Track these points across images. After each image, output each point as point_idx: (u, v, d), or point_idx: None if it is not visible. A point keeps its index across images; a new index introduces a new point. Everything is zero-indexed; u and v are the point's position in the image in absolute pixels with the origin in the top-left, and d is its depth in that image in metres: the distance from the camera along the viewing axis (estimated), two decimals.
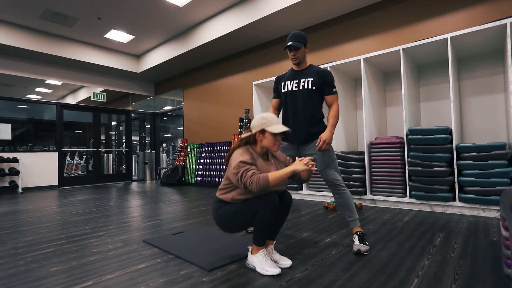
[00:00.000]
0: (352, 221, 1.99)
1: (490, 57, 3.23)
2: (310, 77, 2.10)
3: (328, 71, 2.10)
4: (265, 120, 1.62)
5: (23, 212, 3.46)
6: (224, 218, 1.61)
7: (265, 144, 1.64)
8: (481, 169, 2.66)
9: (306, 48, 2.11)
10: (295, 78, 2.16)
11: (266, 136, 1.62)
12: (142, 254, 1.88)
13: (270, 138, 1.62)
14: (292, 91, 2.15)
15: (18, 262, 1.80)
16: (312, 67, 2.14)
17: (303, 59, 2.12)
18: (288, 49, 2.10)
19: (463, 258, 1.66)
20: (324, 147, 1.96)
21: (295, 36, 2.07)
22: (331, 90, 2.08)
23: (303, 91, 2.10)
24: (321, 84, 2.08)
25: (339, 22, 4.49)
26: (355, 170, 3.44)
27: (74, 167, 9.20)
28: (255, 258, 1.59)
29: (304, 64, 2.16)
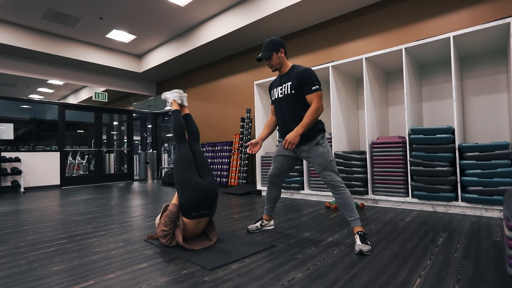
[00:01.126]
0: (352, 220, 1.98)
1: (492, 56, 3.21)
2: (289, 81, 2.10)
3: (304, 70, 2.02)
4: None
5: (25, 212, 3.47)
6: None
7: None
8: (484, 169, 2.65)
9: (279, 53, 2.10)
10: (279, 85, 2.19)
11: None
12: (144, 254, 1.88)
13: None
14: (278, 98, 2.18)
15: (19, 261, 1.80)
16: (293, 69, 2.12)
17: (279, 65, 2.13)
18: (259, 60, 2.13)
19: (466, 258, 1.65)
20: (289, 147, 1.94)
21: (264, 45, 2.11)
22: (309, 89, 2.00)
23: (286, 97, 2.11)
24: (299, 85, 2.04)
25: (341, 22, 4.48)
26: (356, 170, 3.43)
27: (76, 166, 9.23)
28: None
29: (285, 68, 2.16)
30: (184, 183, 1.96)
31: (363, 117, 4.13)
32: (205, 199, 1.95)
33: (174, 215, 1.94)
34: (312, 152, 2.05)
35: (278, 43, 2.09)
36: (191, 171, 2.02)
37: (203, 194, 1.94)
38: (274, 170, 2.28)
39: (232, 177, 5.47)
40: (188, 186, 1.94)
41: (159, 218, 2.15)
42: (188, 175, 1.99)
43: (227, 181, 5.57)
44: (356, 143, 4.12)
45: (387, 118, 3.94)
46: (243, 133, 5.41)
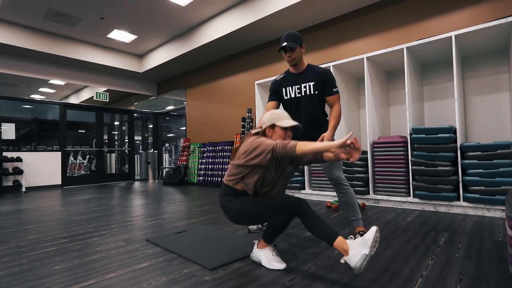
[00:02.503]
0: (355, 220, 1.98)
1: (494, 55, 3.20)
2: (310, 81, 2.06)
3: (327, 71, 2.05)
4: (275, 115, 1.62)
5: (27, 211, 3.48)
6: (240, 211, 1.58)
7: (275, 138, 1.61)
8: (486, 169, 2.63)
9: (302, 48, 2.05)
10: (296, 83, 2.10)
11: (276, 131, 1.61)
12: (145, 253, 1.88)
13: (281, 133, 1.60)
14: (295, 98, 2.10)
15: (21, 260, 1.80)
16: (311, 68, 2.10)
17: (299, 60, 2.07)
18: (283, 50, 2.02)
19: (468, 258, 1.65)
20: None
21: (289, 36, 2.00)
22: (331, 91, 2.04)
23: (306, 97, 2.07)
24: (322, 86, 2.05)
25: (342, 21, 4.47)
26: (358, 169, 3.42)
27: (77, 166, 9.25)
28: (262, 252, 1.61)
29: (301, 65, 2.11)
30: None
31: (364, 116, 4.12)
32: None
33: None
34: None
35: (301, 38, 2.06)
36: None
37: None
38: None
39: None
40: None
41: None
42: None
43: None
44: None
45: (388, 117, 3.93)
46: (244, 133, 5.41)
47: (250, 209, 1.58)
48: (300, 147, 1.38)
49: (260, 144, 1.51)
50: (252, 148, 1.54)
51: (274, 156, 1.47)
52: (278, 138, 1.61)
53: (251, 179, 1.59)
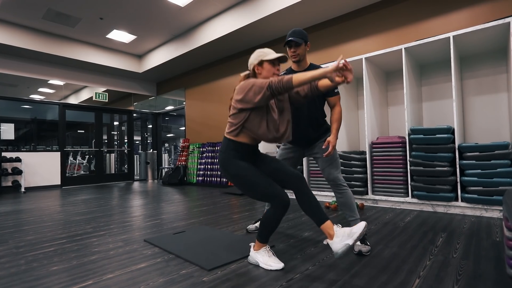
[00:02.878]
0: (353, 221, 1.98)
1: (493, 56, 3.20)
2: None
3: None
4: (261, 52, 1.63)
5: (26, 212, 3.48)
6: (236, 176, 1.59)
7: (264, 75, 1.63)
8: (484, 169, 2.64)
9: (306, 46, 2.06)
10: None
11: (265, 67, 1.62)
12: (143, 254, 1.88)
13: (269, 68, 1.61)
14: None
15: (19, 261, 1.80)
16: (313, 67, 2.11)
17: (303, 57, 2.06)
18: (288, 45, 2.03)
19: (465, 259, 1.65)
20: (332, 152, 1.95)
21: (295, 32, 2.01)
22: (333, 91, 2.05)
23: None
24: None
25: (341, 22, 4.48)
26: (356, 170, 3.42)
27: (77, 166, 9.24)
28: (258, 254, 1.62)
29: (304, 64, 2.10)
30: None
31: (363, 117, 4.12)
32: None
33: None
34: (319, 148, 2.06)
35: (307, 35, 2.06)
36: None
37: None
38: None
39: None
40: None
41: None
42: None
43: (227, 181, 5.57)
44: (356, 143, 4.11)
45: (387, 118, 3.94)
46: None
47: (244, 180, 1.57)
48: (297, 78, 1.41)
49: (254, 83, 1.51)
50: (247, 89, 1.53)
51: (271, 91, 1.47)
52: (267, 73, 1.62)
53: (253, 124, 1.57)
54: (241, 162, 1.62)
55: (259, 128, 1.58)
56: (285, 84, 1.43)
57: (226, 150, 1.64)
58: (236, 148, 1.63)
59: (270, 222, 1.57)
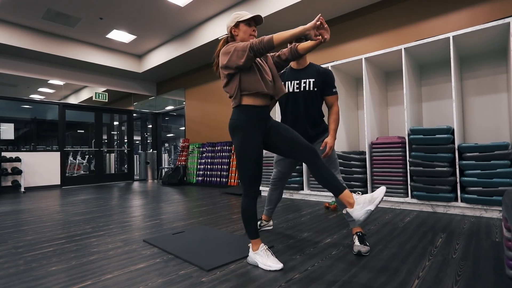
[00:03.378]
0: (352, 221, 1.98)
1: (492, 56, 3.20)
2: (311, 78, 2.06)
3: (329, 71, 2.07)
4: (237, 14, 1.64)
5: (25, 212, 3.48)
6: (236, 148, 1.63)
7: (241, 36, 1.64)
8: (484, 169, 2.64)
9: None
10: (295, 78, 2.10)
11: (241, 28, 1.63)
12: (142, 254, 1.88)
13: (245, 29, 1.62)
14: (293, 92, 2.10)
15: (18, 261, 1.80)
16: (313, 66, 2.11)
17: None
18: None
19: (465, 259, 1.65)
20: (330, 153, 1.95)
21: None
22: (331, 91, 2.05)
23: (305, 92, 2.07)
24: (322, 84, 2.06)
25: (341, 22, 4.48)
26: (356, 170, 3.42)
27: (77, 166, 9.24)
28: (257, 254, 1.62)
29: (304, 62, 2.11)
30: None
31: (362, 117, 4.12)
32: None
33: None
34: (318, 148, 2.06)
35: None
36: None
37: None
38: (278, 174, 2.26)
39: (231, 177, 5.47)
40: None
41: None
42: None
43: (226, 181, 5.57)
44: (356, 143, 4.11)
45: (386, 118, 3.93)
46: None
47: (239, 152, 1.61)
48: (277, 36, 1.43)
49: (236, 47, 1.52)
50: (229, 53, 1.53)
51: (253, 52, 1.48)
52: (243, 34, 1.63)
53: (247, 82, 1.58)
54: (248, 133, 1.60)
55: (255, 82, 1.58)
56: (266, 44, 1.44)
57: (235, 114, 1.63)
58: (244, 111, 1.61)
59: (245, 212, 1.64)
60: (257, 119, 1.62)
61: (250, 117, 1.61)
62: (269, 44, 1.44)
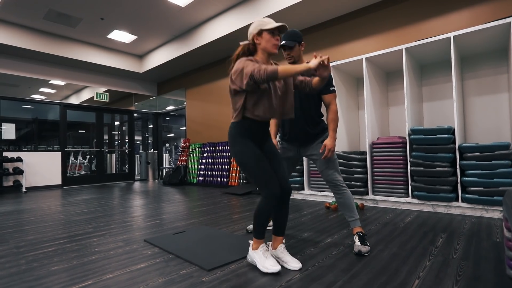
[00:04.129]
0: (352, 221, 1.98)
1: (493, 56, 3.19)
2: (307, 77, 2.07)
3: None
4: (261, 21, 1.61)
5: (26, 211, 3.49)
6: (241, 164, 1.61)
7: (264, 45, 1.61)
8: (484, 169, 2.63)
9: (301, 47, 2.07)
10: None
11: (264, 37, 1.60)
12: (143, 254, 1.89)
13: (268, 38, 1.59)
14: None
15: (19, 261, 1.81)
16: None
17: (298, 58, 2.07)
18: (282, 48, 2.05)
19: (465, 259, 1.65)
20: (330, 155, 1.94)
21: (288, 34, 2.02)
22: (328, 89, 2.04)
23: (300, 93, 2.08)
24: None
25: (341, 22, 4.47)
26: (357, 170, 3.42)
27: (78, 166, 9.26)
28: (256, 254, 1.61)
29: (300, 63, 2.11)
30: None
31: (363, 117, 4.12)
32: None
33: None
34: (317, 149, 2.05)
35: (301, 36, 2.05)
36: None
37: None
38: None
39: (232, 177, 5.47)
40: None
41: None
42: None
43: (227, 181, 5.57)
44: (357, 143, 4.11)
45: (387, 118, 3.93)
46: None
47: (245, 160, 1.58)
48: (283, 69, 1.43)
49: (243, 68, 1.51)
50: (238, 71, 1.54)
51: (254, 81, 1.47)
52: (266, 43, 1.60)
53: (252, 104, 1.57)
54: (248, 141, 1.61)
55: (258, 107, 1.57)
56: (269, 75, 1.43)
57: (235, 128, 1.63)
58: (243, 125, 1.62)
59: (260, 214, 1.58)
60: (255, 130, 1.64)
61: (247, 129, 1.62)
62: (272, 76, 1.43)
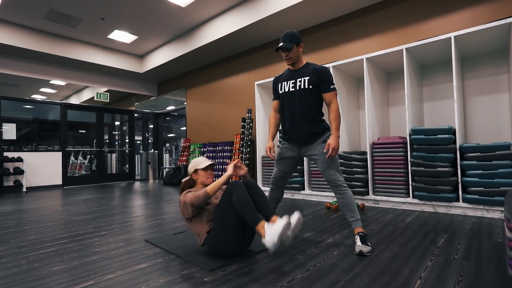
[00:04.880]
0: (353, 221, 1.98)
1: (494, 56, 3.19)
2: (305, 76, 2.06)
3: (324, 68, 2.05)
4: (195, 162, 1.97)
5: (27, 211, 3.49)
6: (218, 244, 1.71)
7: (200, 180, 1.95)
8: (485, 170, 2.63)
9: (299, 47, 2.07)
10: (291, 78, 2.12)
11: (199, 173, 1.95)
12: (144, 254, 1.89)
13: (203, 174, 1.95)
14: (289, 92, 2.11)
15: (20, 261, 1.81)
16: (308, 65, 2.10)
17: (297, 58, 2.08)
18: (280, 50, 2.07)
19: (467, 260, 1.65)
20: (334, 154, 1.94)
21: (286, 36, 2.04)
22: (328, 87, 2.04)
23: (300, 91, 2.07)
24: (317, 82, 2.04)
25: (342, 22, 4.48)
26: (357, 170, 3.42)
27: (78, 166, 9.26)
28: (266, 240, 1.55)
29: (299, 63, 2.12)
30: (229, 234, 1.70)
31: (363, 117, 4.12)
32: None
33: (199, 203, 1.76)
34: (318, 149, 2.04)
35: (299, 37, 2.06)
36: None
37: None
38: (278, 173, 2.25)
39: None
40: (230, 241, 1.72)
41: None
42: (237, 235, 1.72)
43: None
44: (357, 143, 4.11)
45: (388, 118, 3.93)
46: (244, 133, 5.42)
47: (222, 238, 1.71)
48: (211, 188, 1.73)
49: (184, 202, 1.79)
50: (182, 207, 1.82)
51: (196, 206, 1.75)
52: (202, 178, 1.94)
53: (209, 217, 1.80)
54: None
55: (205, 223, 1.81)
56: (203, 197, 1.71)
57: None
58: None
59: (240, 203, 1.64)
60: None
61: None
62: (206, 197, 1.72)
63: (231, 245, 1.71)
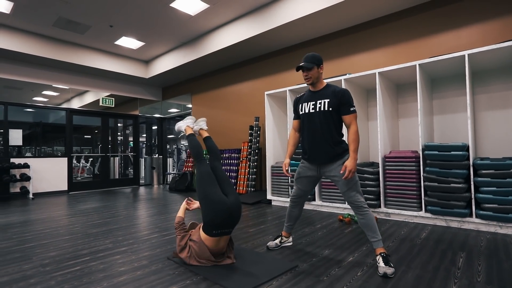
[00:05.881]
0: (375, 242, 2.01)
1: (504, 72, 3.24)
2: (326, 98, 2.11)
3: (345, 90, 2.09)
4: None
5: (39, 222, 3.49)
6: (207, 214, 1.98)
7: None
8: (499, 187, 2.68)
9: (319, 69, 2.14)
10: (311, 100, 2.18)
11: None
12: (170, 274, 1.91)
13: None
14: (309, 113, 2.17)
15: (49, 282, 1.83)
16: (329, 87, 2.15)
17: (316, 79, 2.15)
18: (301, 69, 2.15)
19: (490, 283, 1.69)
20: (350, 176, 1.97)
21: (307, 57, 2.14)
22: (348, 110, 2.08)
23: (320, 113, 2.12)
24: (337, 104, 2.09)
25: (352, 33, 4.51)
26: (369, 183, 3.46)
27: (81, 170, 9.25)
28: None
29: (320, 85, 2.18)
30: (209, 200, 1.98)
31: (373, 128, 4.16)
32: (228, 218, 1.96)
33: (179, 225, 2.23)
34: (337, 171, 2.08)
35: (320, 59, 2.15)
36: (214, 188, 2.05)
37: (227, 212, 1.94)
38: (298, 191, 2.30)
39: (240, 185, 5.50)
40: (212, 203, 1.96)
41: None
42: (212, 192, 2.01)
43: (235, 189, 5.60)
44: (366, 154, 4.15)
45: (397, 130, 3.97)
46: (252, 141, 5.44)
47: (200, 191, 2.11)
48: (176, 222, 2.25)
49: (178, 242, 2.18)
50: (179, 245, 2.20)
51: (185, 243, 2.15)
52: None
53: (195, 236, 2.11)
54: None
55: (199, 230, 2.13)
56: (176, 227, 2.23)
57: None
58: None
59: (193, 147, 2.45)
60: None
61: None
62: (179, 220, 2.26)
63: (218, 206, 1.95)
